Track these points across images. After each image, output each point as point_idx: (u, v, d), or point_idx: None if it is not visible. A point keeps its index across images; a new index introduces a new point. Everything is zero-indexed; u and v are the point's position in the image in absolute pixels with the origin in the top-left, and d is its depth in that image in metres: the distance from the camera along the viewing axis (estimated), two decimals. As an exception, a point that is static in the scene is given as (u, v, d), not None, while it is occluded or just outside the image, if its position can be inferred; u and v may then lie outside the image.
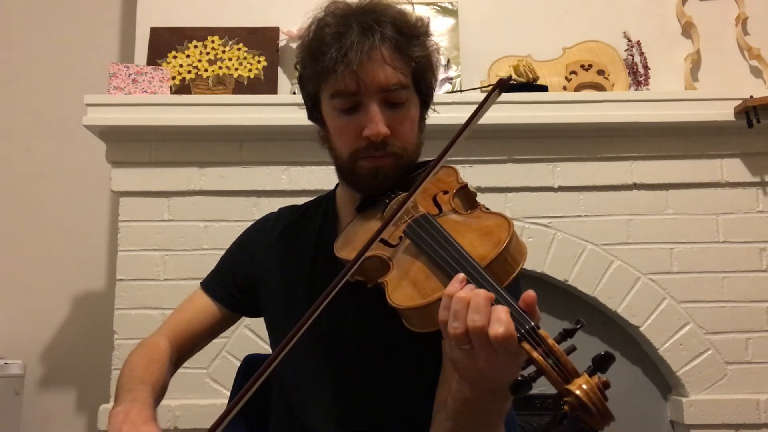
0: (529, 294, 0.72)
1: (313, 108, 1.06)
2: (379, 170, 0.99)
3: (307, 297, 1.08)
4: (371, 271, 0.91)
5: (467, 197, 0.99)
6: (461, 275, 0.75)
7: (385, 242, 0.92)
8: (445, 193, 0.98)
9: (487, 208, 0.96)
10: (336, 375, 1.05)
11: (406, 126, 1.01)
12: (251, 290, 1.15)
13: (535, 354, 0.67)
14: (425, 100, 1.07)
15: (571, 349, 0.68)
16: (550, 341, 0.68)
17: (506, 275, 0.79)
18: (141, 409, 0.92)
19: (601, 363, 0.65)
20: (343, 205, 1.12)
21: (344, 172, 1.04)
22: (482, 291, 0.72)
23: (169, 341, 1.11)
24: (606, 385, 0.64)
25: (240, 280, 1.16)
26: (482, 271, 0.77)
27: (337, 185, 1.16)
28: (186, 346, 1.14)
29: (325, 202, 1.18)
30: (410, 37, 1.00)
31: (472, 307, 0.71)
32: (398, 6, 1.03)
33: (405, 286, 0.83)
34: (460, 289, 0.73)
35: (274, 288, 1.13)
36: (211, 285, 1.18)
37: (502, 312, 0.69)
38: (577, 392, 0.63)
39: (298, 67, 1.06)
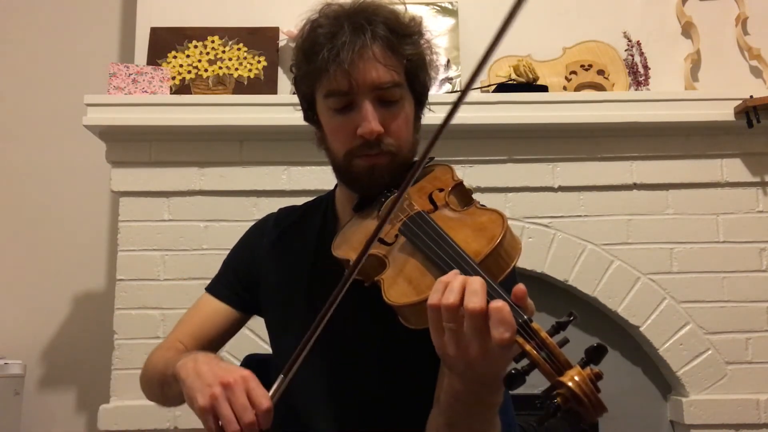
0: (520, 288, 0.72)
1: (308, 109, 1.07)
2: (375, 169, 1.00)
3: (306, 297, 1.08)
4: (368, 269, 0.91)
5: (462, 194, 0.99)
6: (455, 272, 0.75)
7: (381, 240, 0.92)
8: (441, 190, 0.98)
9: (482, 205, 0.96)
10: (334, 374, 1.05)
11: (400, 124, 1.01)
12: (254, 289, 1.16)
13: (528, 347, 0.67)
14: (420, 99, 1.07)
15: (564, 342, 0.68)
16: (543, 334, 0.68)
17: (500, 270, 0.80)
18: (206, 353, 0.92)
19: (593, 355, 0.65)
20: (342, 205, 1.13)
21: (341, 171, 1.04)
22: (477, 277, 0.72)
23: (185, 346, 1.11)
24: (598, 376, 0.64)
25: (243, 279, 1.17)
26: (476, 266, 0.77)
27: (336, 185, 1.16)
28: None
29: (325, 202, 1.18)
30: (402, 35, 1.00)
31: (469, 289, 0.70)
32: (391, 6, 1.03)
33: (401, 284, 0.84)
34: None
35: (274, 287, 1.13)
36: (216, 288, 1.18)
37: (505, 312, 0.67)
38: (570, 384, 0.63)
39: (292, 69, 1.06)
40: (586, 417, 0.63)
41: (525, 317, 0.69)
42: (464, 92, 0.84)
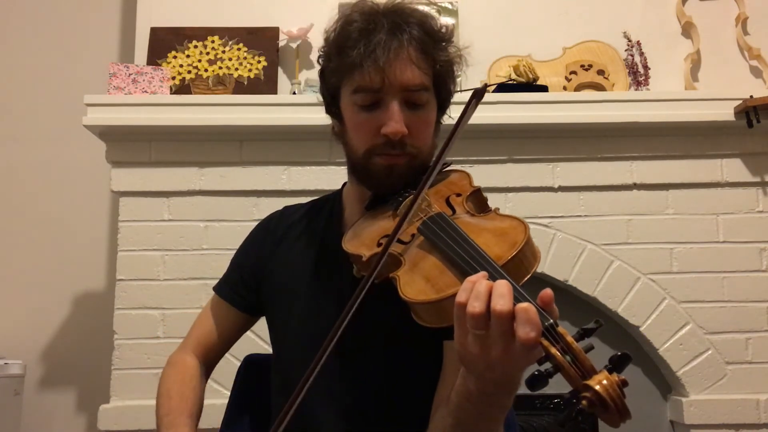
0: (547, 292, 0.72)
1: (331, 102, 1.07)
2: (394, 168, 1.00)
3: (310, 292, 1.09)
4: (381, 267, 0.91)
5: (480, 201, 0.99)
6: (483, 273, 0.75)
7: (397, 239, 0.92)
8: (458, 195, 0.98)
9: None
10: (340, 371, 1.05)
11: (424, 128, 1.02)
12: (258, 289, 1.16)
13: (553, 350, 0.67)
14: (443, 105, 1.07)
15: (589, 348, 0.68)
16: (569, 338, 0.68)
17: (520, 277, 0.79)
18: None
19: (618, 362, 0.65)
20: (350, 203, 1.13)
21: (358, 168, 1.04)
22: (503, 281, 0.72)
23: (197, 356, 1.15)
24: (624, 383, 0.64)
25: (248, 280, 1.17)
26: (499, 268, 0.76)
27: (344, 185, 1.16)
28: (212, 357, 1.18)
29: (331, 200, 1.19)
30: (436, 40, 1.01)
31: (496, 292, 0.70)
32: (424, 9, 1.05)
33: (418, 281, 0.83)
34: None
35: (278, 282, 1.14)
36: (224, 289, 1.20)
37: (531, 312, 0.68)
38: (597, 387, 0.63)
39: (320, 60, 1.07)
40: (610, 422, 0.63)
41: (551, 321, 0.69)
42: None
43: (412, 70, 0.97)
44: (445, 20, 1.10)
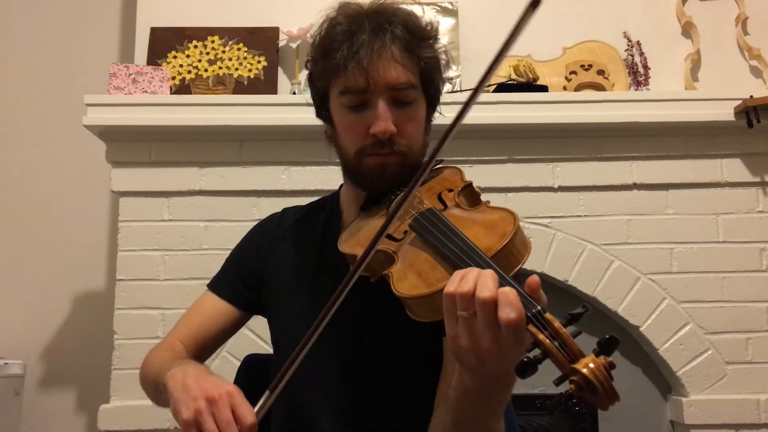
0: (534, 278, 0.72)
1: (321, 105, 1.08)
2: (385, 168, 1.00)
3: (310, 293, 1.09)
4: (375, 265, 0.91)
5: (471, 195, 1.00)
6: (472, 268, 0.75)
7: (389, 237, 0.92)
8: (450, 191, 0.99)
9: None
10: (338, 370, 1.05)
11: (413, 125, 1.02)
12: (257, 288, 1.16)
13: (541, 336, 0.67)
14: (432, 102, 1.08)
15: (577, 333, 0.68)
16: (557, 324, 0.68)
17: (510, 268, 0.80)
18: (196, 365, 0.92)
19: (606, 346, 0.66)
20: (347, 203, 1.13)
21: (350, 169, 1.05)
22: (488, 270, 0.73)
23: (184, 345, 1.12)
24: (612, 365, 0.64)
25: (247, 277, 1.17)
26: (488, 260, 0.77)
27: (341, 186, 1.17)
28: (199, 351, 1.14)
29: (329, 201, 1.19)
30: (420, 38, 1.01)
31: (480, 281, 0.71)
32: (408, 8, 1.05)
33: (410, 277, 0.84)
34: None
35: (278, 283, 1.14)
36: (218, 285, 1.19)
37: (512, 295, 0.69)
38: (584, 371, 0.63)
39: (308, 65, 1.07)
40: (599, 405, 0.64)
41: (538, 307, 0.70)
42: (473, 96, 0.84)
43: (396, 69, 0.98)
44: (430, 18, 1.09)
